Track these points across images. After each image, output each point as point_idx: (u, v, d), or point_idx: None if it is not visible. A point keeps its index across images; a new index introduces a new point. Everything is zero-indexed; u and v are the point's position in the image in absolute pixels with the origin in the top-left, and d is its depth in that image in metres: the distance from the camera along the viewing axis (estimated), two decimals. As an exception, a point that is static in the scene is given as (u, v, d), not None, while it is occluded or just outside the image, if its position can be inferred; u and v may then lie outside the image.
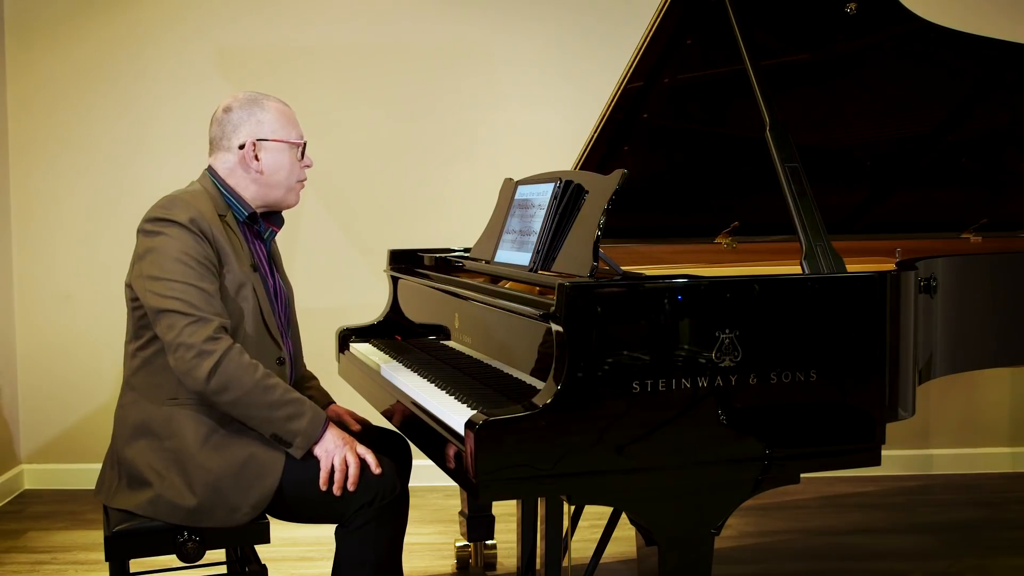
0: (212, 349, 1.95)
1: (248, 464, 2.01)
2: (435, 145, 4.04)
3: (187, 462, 2.01)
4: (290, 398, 2.03)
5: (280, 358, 2.20)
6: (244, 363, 1.98)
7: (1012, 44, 2.85)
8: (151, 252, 2.04)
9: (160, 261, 2.02)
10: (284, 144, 2.22)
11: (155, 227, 2.06)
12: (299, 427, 2.02)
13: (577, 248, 2.05)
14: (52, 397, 3.97)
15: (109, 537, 2.00)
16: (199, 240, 2.04)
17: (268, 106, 2.23)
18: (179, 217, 2.04)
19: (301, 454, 2.03)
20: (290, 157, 2.23)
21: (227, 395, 1.97)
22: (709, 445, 1.83)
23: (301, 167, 2.28)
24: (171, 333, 1.97)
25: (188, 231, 2.04)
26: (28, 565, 3.17)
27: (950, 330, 2.41)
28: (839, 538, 3.44)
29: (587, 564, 2.69)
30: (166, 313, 1.98)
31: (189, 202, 2.08)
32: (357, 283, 4.00)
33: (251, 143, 2.19)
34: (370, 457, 2.06)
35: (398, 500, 2.14)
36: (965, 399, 4.28)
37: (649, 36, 2.50)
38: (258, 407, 2.00)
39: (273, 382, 2.02)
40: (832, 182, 3.05)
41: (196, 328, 1.96)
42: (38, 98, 3.94)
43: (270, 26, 3.96)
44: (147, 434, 2.06)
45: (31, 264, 3.98)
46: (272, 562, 2.76)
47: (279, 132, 2.22)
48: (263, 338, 2.16)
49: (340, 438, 2.07)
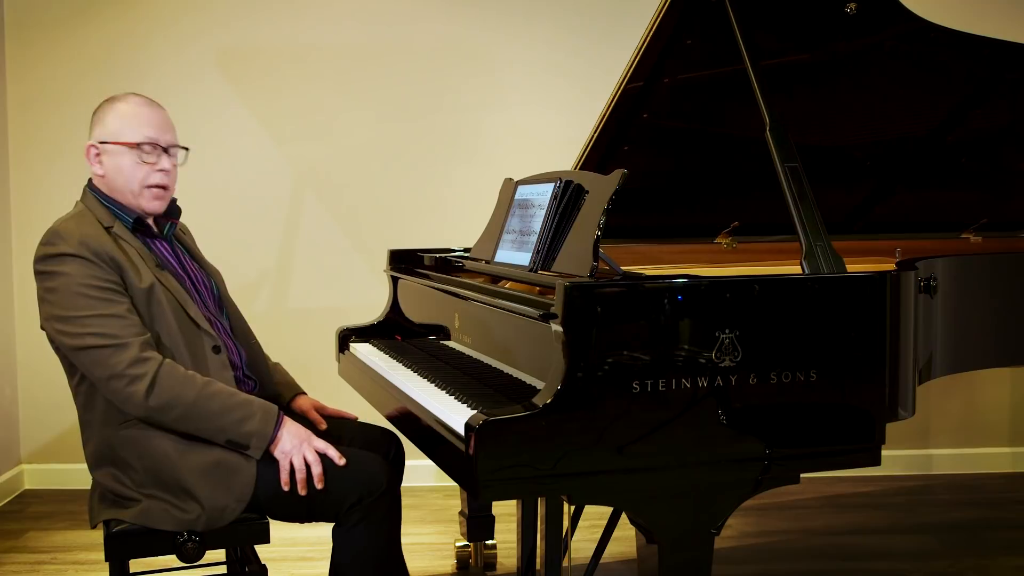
0: (142, 372, 1.92)
1: (222, 461, 1.99)
2: (435, 145, 4.04)
3: (165, 474, 1.99)
4: (236, 401, 2.00)
5: (215, 346, 2.12)
6: (179, 376, 1.96)
7: (1012, 44, 2.85)
8: (52, 293, 1.99)
9: (62, 300, 1.97)
10: (121, 146, 2.12)
11: (46, 266, 2.01)
12: (251, 428, 1.99)
13: (577, 248, 2.05)
14: (52, 397, 3.96)
15: (109, 537, 2.00)
16: (95, 265, 1.98)
17: (115, 107, 2.15)
18: (68, 248, 1.99)
19: (259, 455, 2.00)
20: (130, 160, 2.12)
21: (171, 413, 1.95)
22: (709, 445, 1.83)
23: (153, 170, 2.13)
24: (97, 369, 1.94)
25: (81, 259, 1.98)
26: (28, 565, 3.17)
27: (950, 330, 2.41)
28: (839, 538, 3.44)
29: (587, 564, 2.69)
30: (85, 351, 1.95)
31: (71, 229, 2.02)
32: (357, 283, 4.00)
33: (90, 146, 2.15)
34: (331, 451, 2.03)
35: (387, 495, 2.10)
36: (965, 399, 4.28)
37: (649, 36, 2.50)
38: (205, 418, 1.97)
39: (214, 389, 1.99)
40: (832, 182, 3.05)
41: (119, 355, 1.92)
42: (38, 98, 3.94)
43: (270, 26, 3.95)
44: (114, 460, 2.04)
45: (31, 264, 3.97)
46: (272, 562, 2.76)
47: (117, 133, 2.12)
48: (191, 332, 2.09)
49: (296, 436, 2.03)
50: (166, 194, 2.19)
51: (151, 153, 2.14)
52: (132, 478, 2.02)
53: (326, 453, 2.03)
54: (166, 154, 2.16)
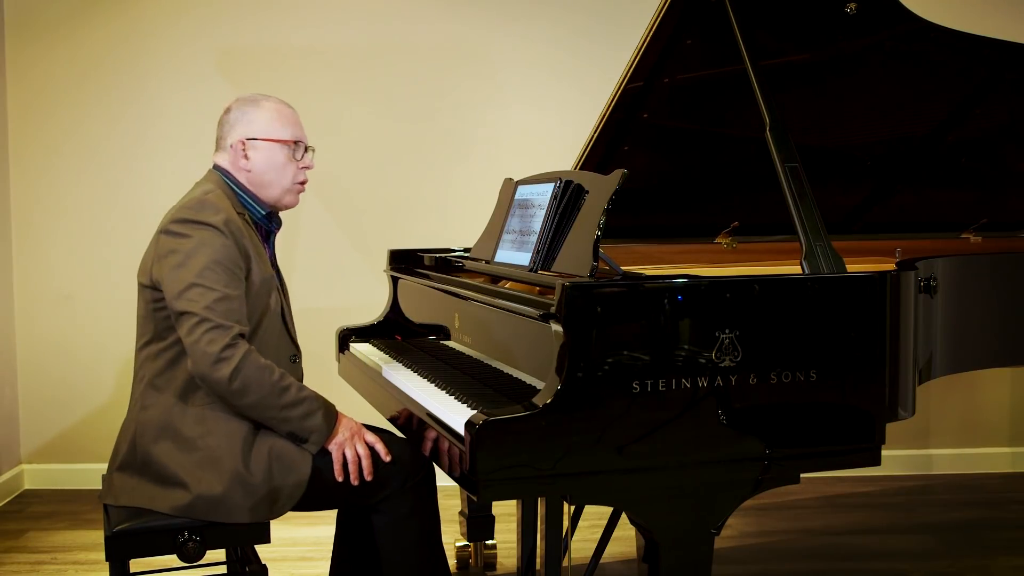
0: (230, 356, 1.97)
1: (280, 457, 2.05)
2: (435, 145, 4.04)
3: (223, 462, 2.02)
4: (303, 396, 2.06)
5: (293, 355, 2.24)
6: (261, 366, 2.00)
7: (1012, 44, 2.85)
8: (181, 254, 2.03)
9: (191, 263, 2.01)
10: (275, 143, 2.21)
11: (185, 229, 2.05)
12: (313, 424, 2.06)
13: (577, 248, 2.05)
14: (52, 397, 3.97)
15: (109, 537, 2.00)
16: (230, 243, 2.05)
17: (263, 105, 2.23)
18: (212, 219, 2.04)
19: (316, 449, 2.07)
20: (282, 156, 2.22)
21: (246, 399, 2.00)
22: (709, 445, 1.83)
23: (299, 168, 2.26)
24: (191, 337, 1.98)
25: (221, 234, 2.04)
26: (28, 565, 3.17)
27: (950, 330, 2.41)
28: (839, 538, 3.44)
29: (587, 564, 2.69)
30: (188, 315, 1.98)
31: (217, 204, 2.08)
32: (357, 283, 4.00)
33: (240, 142, 2.20)
34: (379, 446, 2.11)
35: (426, 481, 2.19)
36: (965, 399, 4.28)
37: (649, 36, 2.50)
38: (275, 408, 2.03)
39: (287, 383, 2.04)
40: (832, 182, 3.05)
41: (215, 335, 1.96)
42: (38, 98, 3.94)
43: (270, 26, 3.96)
44: (176, 435, 2.06)
45: (31, 264, 3.98)
46: (272, 562, 2.76)
47: (269, 131, 2.21)
48: (282, 337, 2.20)
49: (349, 430, 2.11)
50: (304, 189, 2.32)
51: (299, 150, 2.25)
52: (188, 457, 2.04)
53: (374, 447, 2.11)
54: (307, 153, 2.28)
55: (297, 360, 2.26)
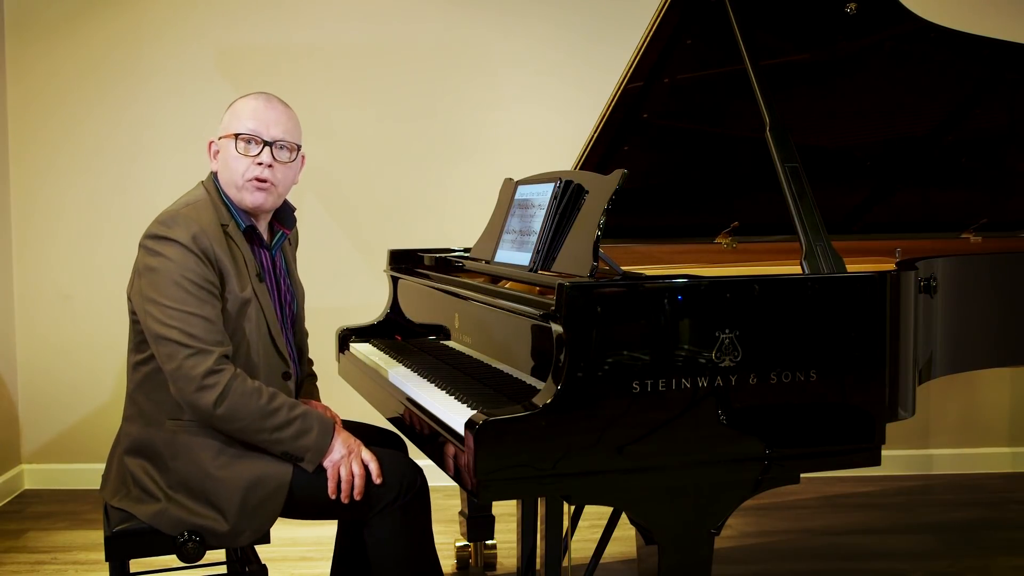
0: (214, 383, 1.91)
1: (259, 481, 1.98)
2: (435, 145, 4.04)
3: (195, 483, 1.99)
4: (296, 415, 2.00)
5: (286, 372, 2.16)
6: (248, 391, 1.95)
7: (1012, 44, 2.85)
8: (150, 272, 1.97)
9: (159, 284, 1.95)
10: (228, 139, 2.10)
11: (155, 245, 1.99)
12: (308, 443, 2.00)
13: (577, 248, 2.05)
14: (52, 397, 3.97)
15: (109, 537, 2.00)
16: (200, 261, 1.97)
17: (235, 103, 2.16)
18: (179, 236, 1.97)
19: (313, 468, 2.01)
20: (233, 150, 2.09)
21: (234, 424, 1.95)
22: (709, 445, 1.83)
23: (253, 163, 2.09)
24: (171, 363, 1.93)
25: (188, 252, 1.96)
26: (28, 565, 3.17)
27: (950, 330, 2.40)
28: (839, 538, 3.44)
29: (587, 564, 2.69)
30: (165, 341, 1.93)
31: (191, 217, 2.01)
32: (357, 283, 4.00)
33: (209, 143, 2.16)
34: (373, 465, 2.03)
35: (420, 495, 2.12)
36: (965, 399, 4.28)
37: (649, 36, 2.50)
38: (265, 431, 1.97)
39: (277, 404, 1.98)
40: (832, 182, 3.05)
41: (196, 360, 1.91)
42: (38, 98, 3.94)
43: (270, 26, 3.96)
44: (150, 454, 2.04)
45: (31, 264, 3.98)
46: (272, 562, 2.76)
47: (228, 127, 2.12)
48: (270, 355, 2.11)
49: (346, 446, 2.03)
50: (269, 188, 2.12)
51: (250, 144, 2.09)
52: (160, 476, 2.02)
53: (368, 466, 2.03)
54: (270, 148, 2.10)
55: (291, 377, 2.17)
